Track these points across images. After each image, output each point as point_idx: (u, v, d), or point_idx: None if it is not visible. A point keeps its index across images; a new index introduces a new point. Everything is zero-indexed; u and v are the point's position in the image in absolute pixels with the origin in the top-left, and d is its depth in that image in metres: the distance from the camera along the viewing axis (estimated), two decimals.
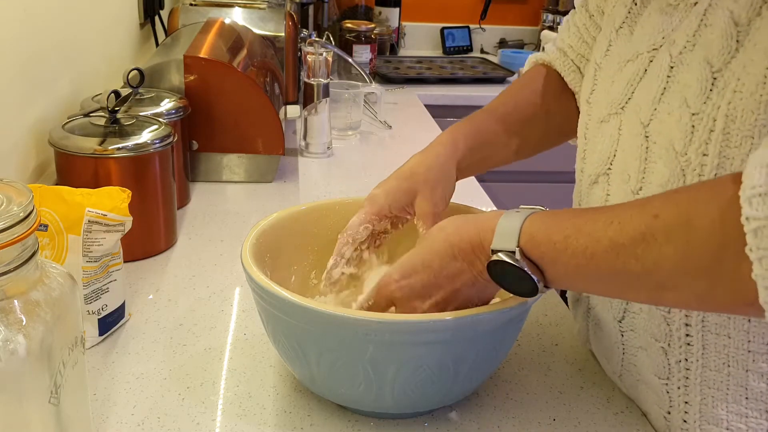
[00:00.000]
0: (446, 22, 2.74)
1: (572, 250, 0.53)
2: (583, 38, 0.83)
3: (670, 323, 0.62)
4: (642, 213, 0.49)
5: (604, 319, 0.72)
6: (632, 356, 0.69)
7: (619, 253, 0.50)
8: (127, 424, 0.66)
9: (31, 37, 1.03)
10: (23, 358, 0.48)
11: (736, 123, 0.54)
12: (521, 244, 0.55)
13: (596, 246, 0.51)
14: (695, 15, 0.60)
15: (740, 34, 0.55)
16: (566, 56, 0.85)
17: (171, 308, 0.87)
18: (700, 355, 0.61)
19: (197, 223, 1.12)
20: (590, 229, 0.52)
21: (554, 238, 0.54)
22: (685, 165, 0.57)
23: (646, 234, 0.48)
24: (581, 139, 0.75)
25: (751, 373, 0.59)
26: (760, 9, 0.54)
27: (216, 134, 1.25)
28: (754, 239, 0.42)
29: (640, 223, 0.49)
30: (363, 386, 0.63)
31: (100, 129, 0.98)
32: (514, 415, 0.70)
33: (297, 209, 0.81)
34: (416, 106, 1.99)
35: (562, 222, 0.55)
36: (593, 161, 0.71)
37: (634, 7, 0.70)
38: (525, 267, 0.55)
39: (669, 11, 0.64)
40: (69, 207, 0.74)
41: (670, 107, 0.60)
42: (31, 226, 0.49)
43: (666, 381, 0.65)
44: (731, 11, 0.56)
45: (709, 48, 0.57)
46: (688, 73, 0.58)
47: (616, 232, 0.50)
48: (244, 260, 0.68)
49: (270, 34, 1.55)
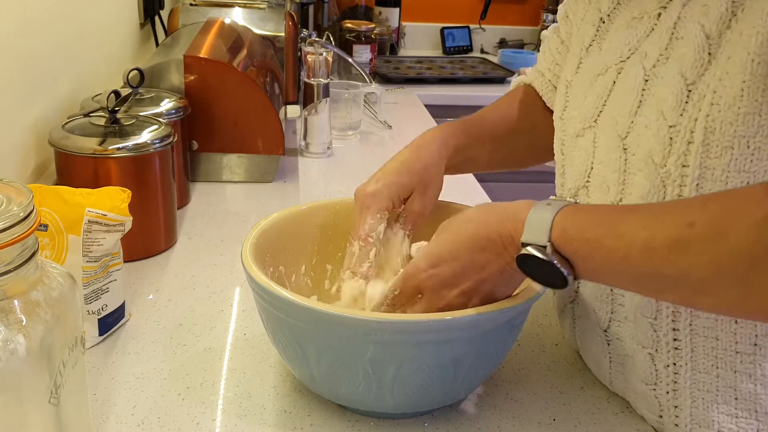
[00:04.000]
0: (446, 22, 2.74)
1: (606, 249, 0.53)
2: (556, 61, 0.85)
3: (657, 329, 0.63)
4: (677, 219, 0.50)
5: (589, 328, 0.72)
6: (619, 364, 0.69)
7: (653, 256, 0.50)
8: (127, 424, 0.66)
9: (31, 37, 1.03)
10: (23, 358, 0.48)
11: (715, 135, 0.55)
12: (553, 239, 0.55)
13: (630, 247, 0.51)
14: (665, 29, 0.61)
15: (712, 46, 0.56)
16: (543, 77, 0.87)
17: (171, 308, 0.87)
18: (689, 358, 0.61)
19: (197, 223, 1.12)
20: (624, 229, 0.52)
21: (587, 235, 0.54)
22: (665, 176, 0.58)
23: (680, 241, 0.49)
24: (558, 155, 0.76)
25: (739, 374, 0.60)
26: (729, 22, 0.55)
27: (216, 134, 1.25)
28: None
29: (675, 230, 0.49)
30: (363, 386, 0.63)
31: (100, 129, 0.98)
32: (514, 415, 0.70)
33: (297, 209, 0.81)
34: (416, 106, 1.99)
35: (596, 219, 0.55)
36: (572, 175, 0.72)
37: (602, 25, 0.72)
38: (555, 261, 0.55)
39: (634, 24, 0.66)
40: (69, 207, 0.74)
41: (647, 120, 0.61)
42: (31, 226, 0.49)
43: (654, 387, 0.65)
44: (702, 24, 0.57)
45: (682, 61, 0.58)
46: (663, 86, 0.60)
47: (651, 236, 0.50)
48: (244, 260, 0.68)
49: (270, 34, 1.55)
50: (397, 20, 2.59)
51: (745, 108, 0.53)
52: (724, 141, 0.54)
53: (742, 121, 0.53)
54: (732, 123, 0.54)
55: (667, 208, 0.52)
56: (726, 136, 0.54)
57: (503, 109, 0.88)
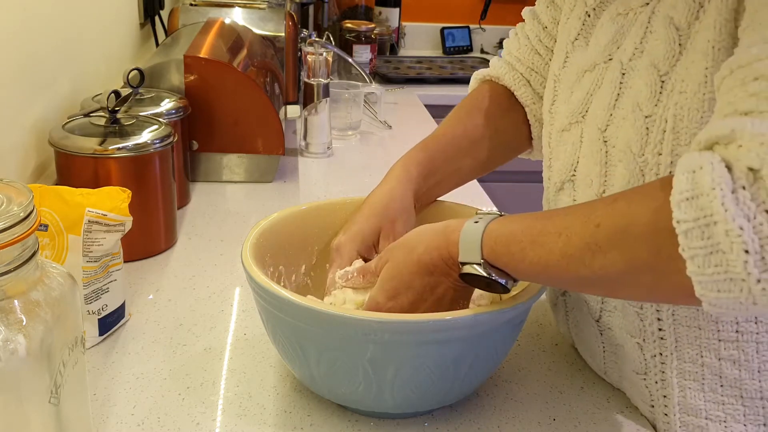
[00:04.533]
0: (446, 22, 2.74)
1: (529, 260, 0.57)
2: (535, 49, 0.84)
3: (643, 319, 0.64)
4: (586, 224, 0.53)
5: (582, 320, 0.73)
6: (612, 354, 0.71)
7: (570, 263, 0.54)
8: (127, 424, 0.66)
9: (31, 37, 1.03)
10: (23, 358, 0.48)
11: (684, 122, 0.57)
12: (485, 256, 0.59)
13: (549, 257, 0.55)
14: (640, 23, 0.64)
15: (682, 38, 0.59)
16: (515, 70, 0.85)
17: (171, 308, 0.87)
18: (674, 348, 0.63)
19: (197, 223, 1.12)
20: (542, 240, 0.56)
21: (512, 250, 0.58)
22: (643, 165, 0.60)
23: (590, 244, 0.53)
24: (546, 148, 0.77)
25: (723, 360, 0.61)
26: (697, 13, 0.58)
27: (216, 134, 1.25)
28: (685, 240, 0.46)
29: (585, 234, 0.53)
30: (363, 386, 0.63)
31: (100, 129, 0.98)
32: (514, 415, 0.70)
33: (297, 209, 0.81)
34: (416, 106, 1.99)
35: (518, 231, 0.58)
36: (558, 169, 0.73)
37: (587, 19, 0.72)
38: (493, 275, 0.59)
39: (619, 21, 0.67)
40: (69, 207, 0.74)
41: (625, 112, 0.63)
42: (31, 226, 0.49)
43: (644, 377, 0.67)
44: (671, 17, 0.59)
45: (654, 53, 0.61)
46: (638, 78, 0.62)
47: (565, 244, 0.54)
48: (244, 260, 0.68)
49: (270, 34, 1.55)
50: (397, 20, 2.59)
51: (710, 94, 0.55)
52: (692, 128, 0.56)
53: (707, 107, 0.55)
54: (698, 109, 0.56)
55: (580, 212, 0.55)
56: (693, 122, 0.56)
57: (465, 122, 0.86)
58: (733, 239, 0.44)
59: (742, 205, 0.44)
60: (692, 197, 0.46)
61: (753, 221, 0.44)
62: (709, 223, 0.45)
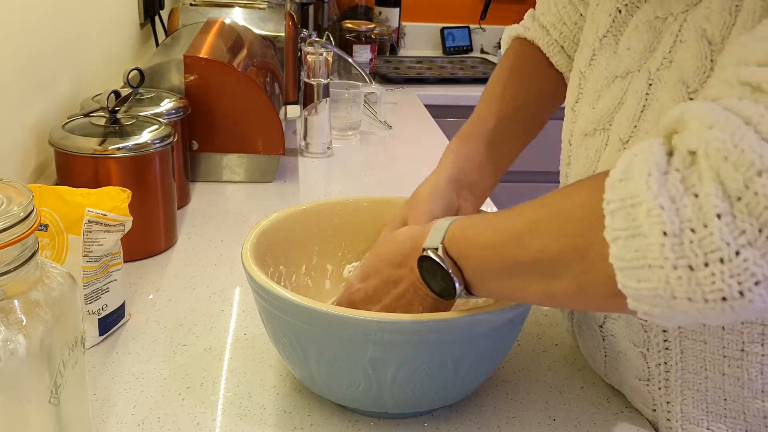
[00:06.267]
0: (446, 22, 2.74)
1: (480, 243, 0.56)
2: (563, 20, 0.80)
3: (648, 330, 0.64)
4: (536, 205, 0.53)
5: (586, 323, 0.73)
6: (613, 359, 0.70)
7: (512, 244, 0.53)
8: (127, 424, 0.66)
9: (31, 37, 1.03)
10: (23, 358, 0.48)
11: None
12: (444, 242, 0.58)
13: (495, 237, 0.55)
14: (671, 32, 0.59)
15: (714, 53, 0.54)
16: (549, 35, 0.81)
17: (171, 308, 0.87)
18: (679, 359, 0.62)
19: (197, 223, 1.12)
20: (496, 223, 0.56)
21: (468, 234, 0.57)
22: None
23: (531, 224, 0.52)
24: (565, 144, 0.75)
25: (727, 377, 0.60)
26: (731, 27, 0.53)
27: (216, 134, 1.25)
28: (611, 221, 0.44)
29: (531, 213, 0.52)
30: (363, 386, 0.63)
31: (100, 129, 0.98)
32: (514, 415, 0.70)
33: (297, 209, 0.81)
34: (416, 106, 1.99)
35: (482, 221, 0.57)
36: (577, 172, 0.71)
37: (618, 16, 0.67)
38: (445, 263, 0.58)
39: (657, 24, 0.62)
40: (69, 207, 0.74)
41: (649, 125, 0.60)
42: (31, 226, 0.49)
43: (647, 383, 0.66)
44: (704, 29, 0.55)
45: (684, 68, 0.57)
46: (665, 93, 0.58)
47: (514, 224, 0.54)
48: (244, 260, 0.68)
49: (270, 34, 1.55)
50: (397, 20, 2.59)
51: None
52: None
53: None
54: None
55: (541, 196, 0.54)
56: None
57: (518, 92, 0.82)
58: (653, 219, 0.41)
59: (670, 185, 0.41)
60: (624, 179, 0.44)
61: (678, 203, 0.41)
62: (635, 204, 0.42)
